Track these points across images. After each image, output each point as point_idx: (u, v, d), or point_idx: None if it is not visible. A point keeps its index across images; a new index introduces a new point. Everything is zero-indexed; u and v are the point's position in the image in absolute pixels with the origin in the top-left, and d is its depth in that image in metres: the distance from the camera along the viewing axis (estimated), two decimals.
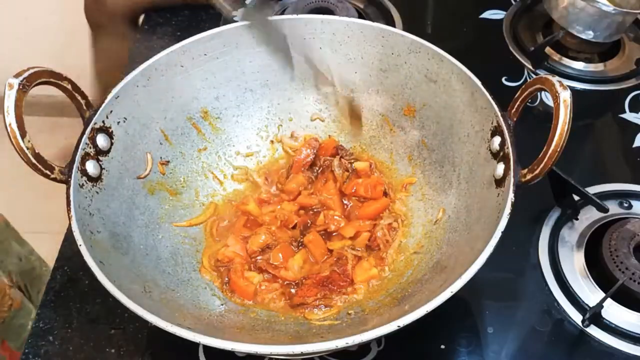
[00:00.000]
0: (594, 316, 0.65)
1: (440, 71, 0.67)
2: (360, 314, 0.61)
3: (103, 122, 0.62)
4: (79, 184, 0.57)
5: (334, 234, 0.69)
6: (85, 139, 0.60)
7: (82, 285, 0.69)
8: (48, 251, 1.02)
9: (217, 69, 0.72)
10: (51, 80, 0.57)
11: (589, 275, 0.68)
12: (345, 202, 0.72)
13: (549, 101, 0.86)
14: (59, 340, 0.65)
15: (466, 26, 1.03)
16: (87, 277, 0.70)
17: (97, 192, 0.59)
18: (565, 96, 0.51)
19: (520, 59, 0.95)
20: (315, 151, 0.74)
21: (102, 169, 0.61)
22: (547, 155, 0.52)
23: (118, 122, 0.64)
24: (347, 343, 0.46)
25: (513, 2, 1.04)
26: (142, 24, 1.04)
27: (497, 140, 0.59)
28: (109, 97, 0.63)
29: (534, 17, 1.02)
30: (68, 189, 0.56)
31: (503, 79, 0.91)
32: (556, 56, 0.95)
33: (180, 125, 0.72)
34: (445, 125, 0.69)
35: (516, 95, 0.58)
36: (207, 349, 0.63)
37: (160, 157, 0.69)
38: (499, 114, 0.59)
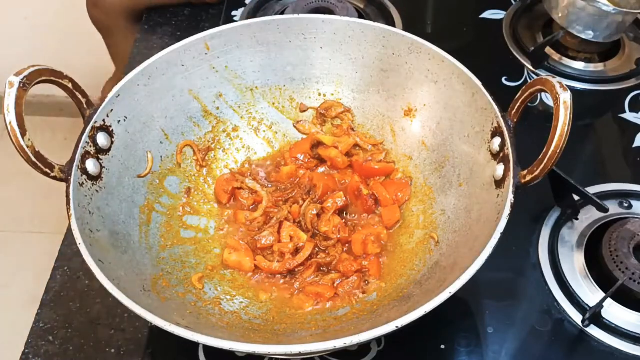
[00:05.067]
0: (594, 316, 0.65)
1: (441, 72, 0.67)
2: (359, 314, 0.61)
3: (104, 120, 0.62)
4: (79, 183, 0.57)
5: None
6: (85, 137, 0.60)
7: (82, 285, 0.69)
8: (48, 251, 1.01)
9: (218, 68, 0.72)
10: (52, 78, 0.57)
11: (589, 275, 0.68)
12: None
13: (549, 101, 0.86)
14: (59, 340, 0.65)
15: (466, 26, 1.03)
16: (87, 277, 0.70)
17: (97, 191, 0.60)
18: (566, 97, 0.51)
19: (520, 59, 0.95)
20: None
21: (102, 167, 0.61)
22: (547, 157, 0.52)
23: (119, 121, 0.64)
24: (345, 343, 0.46)
25: (513, 2, 1.04)
26: (142, 24, 1.04)
27: (497, 141, 0.59)
28: (110, 95, 0.63)
29: (534, 17, 1.02)
30: (68, 187, 0.56)
31: (503, 79, 0.91)
32: (556, 56, 0.95)
33: (181, 124, 0.72)
34: (445, 125, 0.69)
35: (516, 97, 0.58)
36: (207, 349, 0.63)
37: (161, 157, 0.69)
38: (499, 115, 0.59)
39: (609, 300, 0.65)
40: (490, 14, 1.03)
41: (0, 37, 1.75)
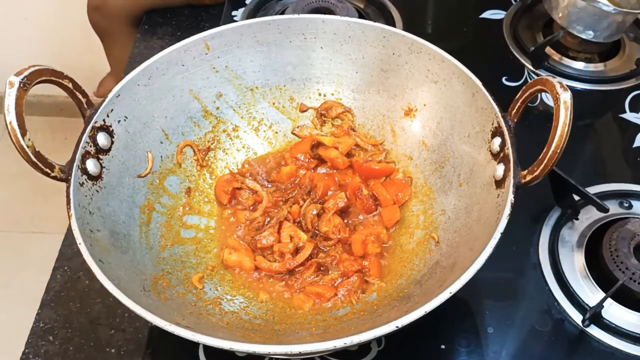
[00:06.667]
0: (594, 316, 0.65)
1: (441, 72, 0.67)
2: (359, 314, 0.61)
3: (104, 120, 0.62)
4: (79, 183, 0.57)
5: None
6: (85, 137, 0.60)
7: (82, 285, 0.69)
8: (48, 251, 1.02)
9: (219, 68, 0.72)
10: (52, 78, 0.57)
11: (589, 275, 0.68)
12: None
13: (549, 101, 0.86)
14: (59, 340, 0.65)
15: (466, 26, 1.03)
16: (87, 277, 0.70)
17: (97, 191, 0.60)
18: (566, 97, 0.51)
19: (520, 58, 0.95)
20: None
21: (102, 167, 0.61)
22: (547, 157, 0.52)
23: (119, 121, 0.64)
24: (345, 343, 0.46)
25: (513, 2, 1.04)
26: (142, 24, 1.04)
27: (497, 141, 0.59)
28: (110, 95, 0.63)
29: (534, 17, 1.02)
30: (68, 187, 0.56)
31: (503, 79, 0.91)
32: (556, 56, 0.95)
33: (181, 124, 0.72)
34: (445, 125, 0.69)
35: (517, 97, 0.58)
36: (208, 349, 0.63)
37: (161, 157, 0.69)
38: (499, 115, 0.59)
39: (609, 300, 0.65)
40: (490, 14, 1.03)
41: (0, 37, 1.75)
